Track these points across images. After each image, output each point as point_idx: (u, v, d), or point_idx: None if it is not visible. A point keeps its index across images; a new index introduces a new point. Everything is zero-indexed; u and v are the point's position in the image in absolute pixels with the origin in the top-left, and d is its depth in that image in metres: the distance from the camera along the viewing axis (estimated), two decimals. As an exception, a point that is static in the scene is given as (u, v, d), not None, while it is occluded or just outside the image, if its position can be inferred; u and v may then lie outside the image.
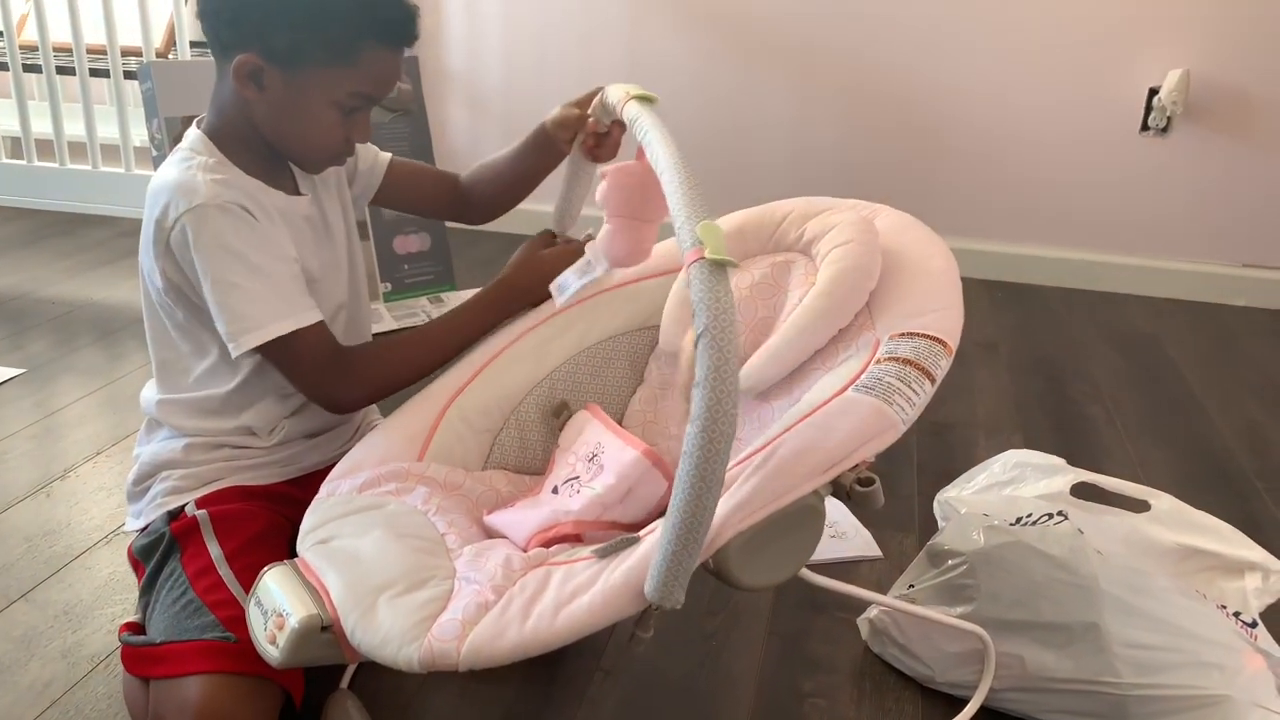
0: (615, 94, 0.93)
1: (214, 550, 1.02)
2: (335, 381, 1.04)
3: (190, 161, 1.02)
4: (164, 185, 1.02)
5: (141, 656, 0.98)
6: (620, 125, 1.05)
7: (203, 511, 1.05)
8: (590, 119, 1.10)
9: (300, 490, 1.13)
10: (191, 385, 1.09)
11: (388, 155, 1.24)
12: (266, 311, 0.99)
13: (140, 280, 1.09)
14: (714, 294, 0.67)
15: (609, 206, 0.94)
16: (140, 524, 1.10)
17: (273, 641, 0.83)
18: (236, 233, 0.99)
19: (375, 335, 2.11)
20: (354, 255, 1.19)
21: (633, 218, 0.94)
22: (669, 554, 0.69)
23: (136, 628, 1.04)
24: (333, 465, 1.15)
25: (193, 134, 1.06)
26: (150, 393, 1.13)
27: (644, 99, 0.89)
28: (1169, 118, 2.44)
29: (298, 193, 1.10)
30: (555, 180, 1.22)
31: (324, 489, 1.00)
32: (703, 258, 0.68)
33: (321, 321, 1.03)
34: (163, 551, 1.04)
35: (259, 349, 1.00)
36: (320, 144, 1.05)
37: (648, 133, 0.83)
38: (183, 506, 1.07)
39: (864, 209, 1.08)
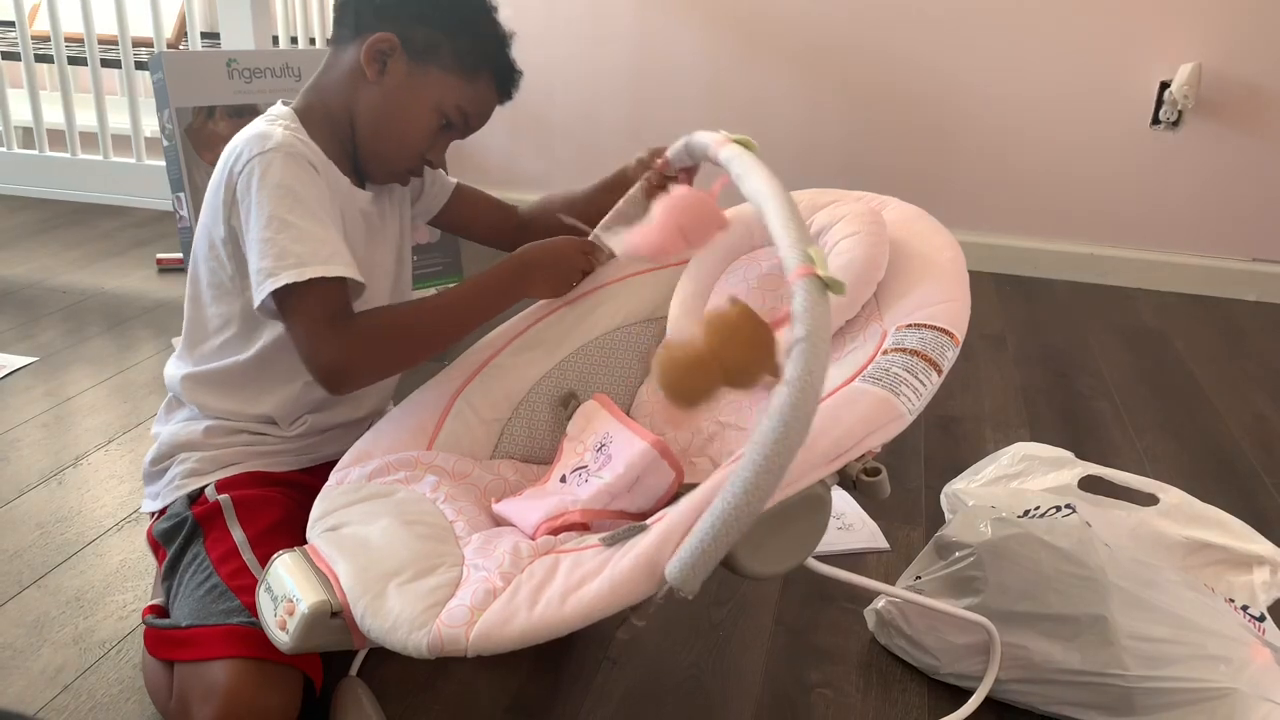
0: (707, 138, 0.94)
1: (237, 535, 1.03)
2: (332, 348, 0.98)
3: (274, 121, 1.04)
4: (242, 138, 1.03)
5: (166, 639, 0.99)
6: (690, 173, 1.06)
7: (225, 496, 1.06)
8: (662, 160, 1.08)
9: (315, 479, 1.13)
10: (215, 354, 1.10)
11: (454, 179, 1.27)
12: (318, 252, 0.97)
13: (194, 240, 1.10)
14: (816, 308, 0.68)
15: (662, 213, 0.92)
16: (158, 506, 1.10)
17: (283, 627, 0.83)
18: (300, 178, 1.00)
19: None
20: (402, 265, 1.20)
21: (677, 230, 0.92)
22: (705, 540, 0.69)
23: (160, 610, 1.05)
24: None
25: (280, 108, 1.08)
26: (175, 369, 1.14)
27: (743, 143, 0.90)
28: (1180, 111, 2.43)
29: (361, 187, 1.11)
30: None
31: (333, 476, 1.01)
32: (814, 274, 0.69)
33: (351, 282, 1.00)
34: (185, 535, 1.05)
35: (283, 293, 0.96)
36: (407, 147, 1.08)
37: (749, 170, 0.83)
38: (202, 489, 1.07)
39: (872, 200, 1.08)
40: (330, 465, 1.13)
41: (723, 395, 0.75)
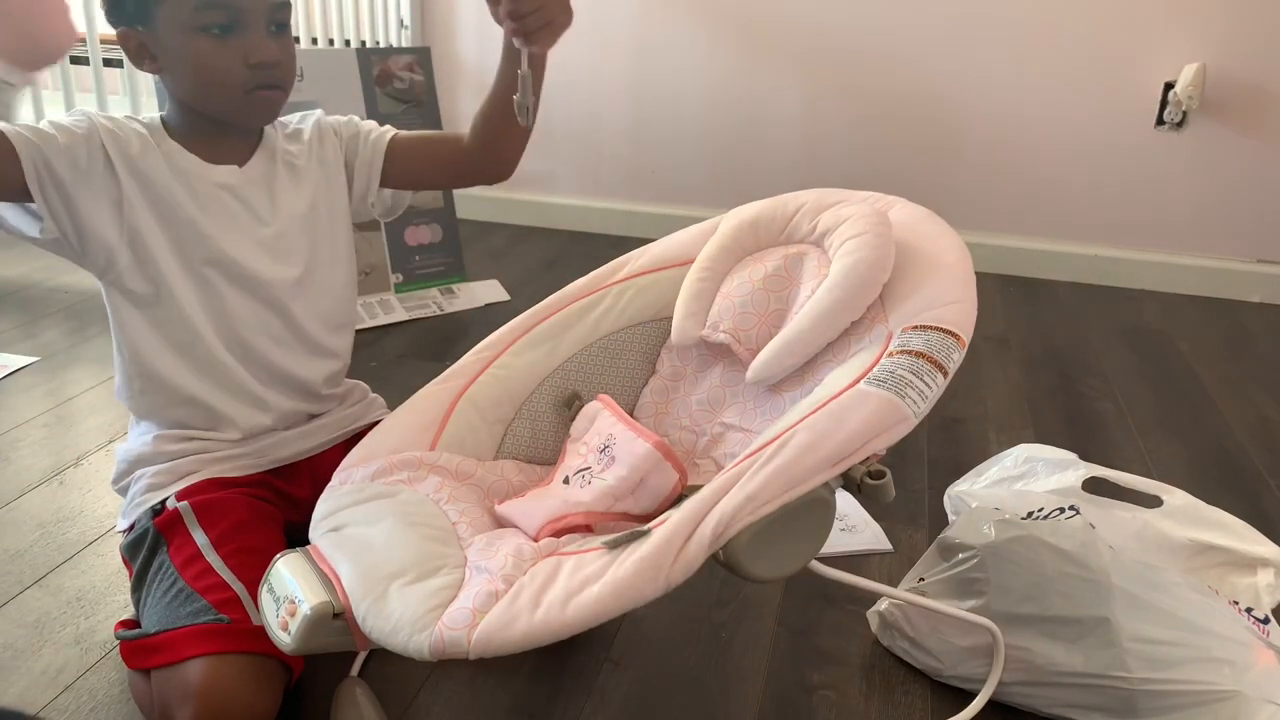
0: None
1: (200, 538, 1.02)
2: None
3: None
4: None
5: (139, 649, 0.98)
6: None
7: (184, 503, 1.05)
8: None
9: (280, 480, 1.14)
10: (117, 351, 1.11)
11: (389, 135, 1.18)
12: None
13: None
14: None
15: None
16: (126, 524, 1.10)
17: (285, 628, 0.83)
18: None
19: (385, 326, 2.12)
20: (314, 235, 1.14)
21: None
22: None
23: (132, 624, 1.04)
24: (311, 457, 1.17)
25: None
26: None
27: None
28: (1184, 112, 2.43)
29: (235, 164, 1.08)
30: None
31: (337, 477, 1.01)
32: None
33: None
34: (149, 546, 1.05)
35: None
36: (222, 81, 1.01)
37: None
38: (163, 501, 1.07)
39: (878, 201, 1.07)
40: (294, 466, 1.14)
41: None
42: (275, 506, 1.11)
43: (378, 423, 1.10)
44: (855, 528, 1.42)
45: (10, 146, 0.95)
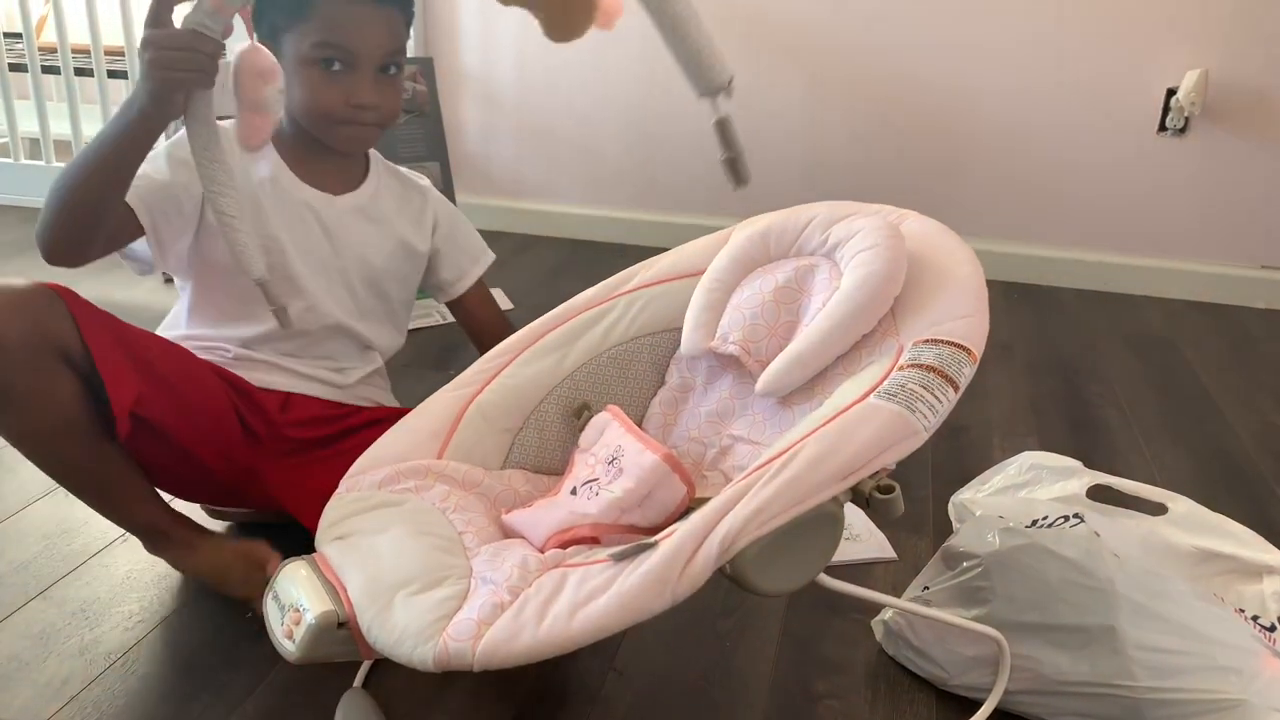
0: None
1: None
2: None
3: None
4: None
5: None
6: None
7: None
8: None
9: (257, 396, 1.23)
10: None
11: (475, 275, 1.40)
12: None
13: None
14: None
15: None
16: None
17: (289, 636, 0.83)
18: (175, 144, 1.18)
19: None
20: (360, 275, 1.29)
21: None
22: None
23: None
24: (296, 398, 1.26)
25: None
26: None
27: None
28: (1186, 118, 2.43)
29: (330, 190, 1.24)
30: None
31: (343, 484, 1.01)
32: None
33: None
34: None
35: None
36: (319, 108, 1.16)
37: None
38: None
39: (890, 214, 1.07)
40: (270, 394, 1.24)
41: None
42: (228, 394, 1.19)
43: (359, 405, 1.23)
44: (859, 536, 1.41)
45: (132, 215, 1.18)
